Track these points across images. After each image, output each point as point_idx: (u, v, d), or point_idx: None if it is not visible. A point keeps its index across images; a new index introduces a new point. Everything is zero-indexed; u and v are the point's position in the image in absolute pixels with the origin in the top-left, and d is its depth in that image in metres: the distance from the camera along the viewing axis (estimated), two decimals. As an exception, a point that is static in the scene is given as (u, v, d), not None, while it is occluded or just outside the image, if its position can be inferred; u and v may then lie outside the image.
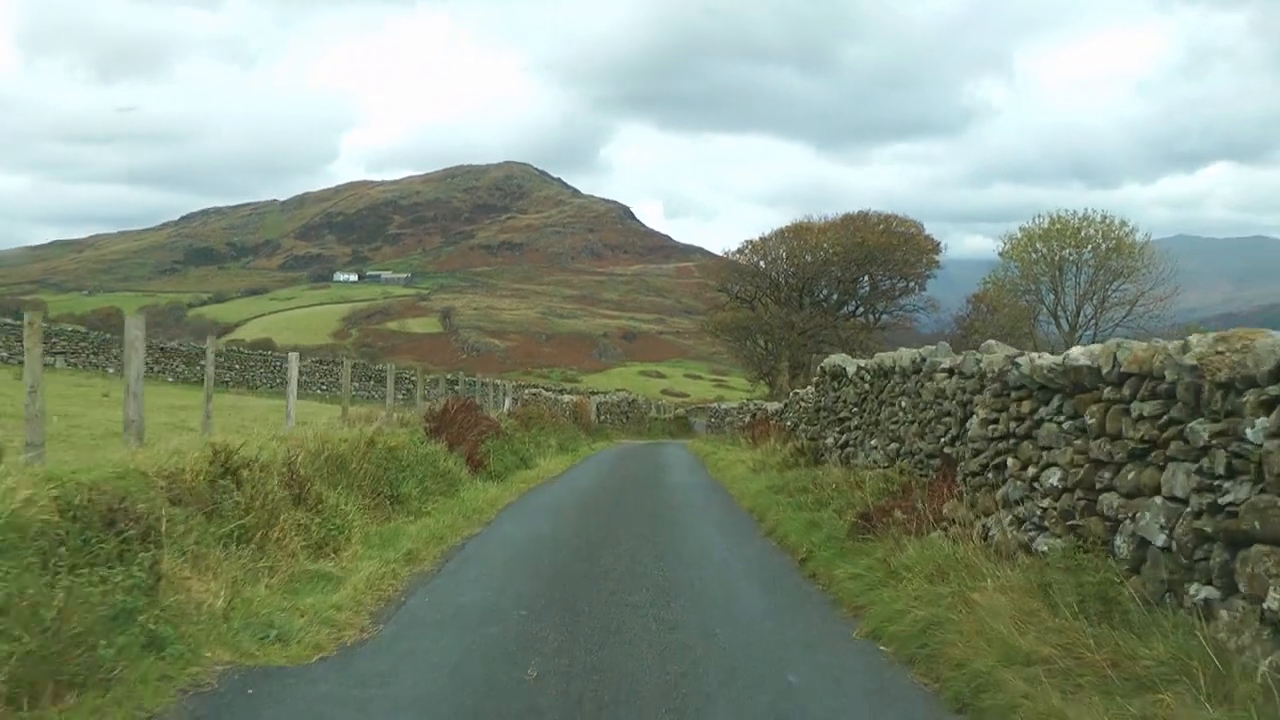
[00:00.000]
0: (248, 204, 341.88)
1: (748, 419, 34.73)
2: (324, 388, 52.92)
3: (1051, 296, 61.33)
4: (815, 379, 21.69)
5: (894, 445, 13.09)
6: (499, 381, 38.30)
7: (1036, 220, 61.31)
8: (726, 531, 13.70)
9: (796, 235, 60.08)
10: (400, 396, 35.43)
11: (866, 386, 15.86)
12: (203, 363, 54.53)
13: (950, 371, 11.16)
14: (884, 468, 13.24)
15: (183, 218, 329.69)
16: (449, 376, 53.03)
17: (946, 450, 10.74)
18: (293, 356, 16.26)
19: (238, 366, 53.65)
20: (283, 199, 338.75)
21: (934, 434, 11.27)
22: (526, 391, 39.68)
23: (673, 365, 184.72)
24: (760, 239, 61.19)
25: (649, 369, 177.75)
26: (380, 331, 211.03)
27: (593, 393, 56.85)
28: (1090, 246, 60.44)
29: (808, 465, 18.53)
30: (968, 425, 10.23)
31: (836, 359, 18.27)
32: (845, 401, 16.99)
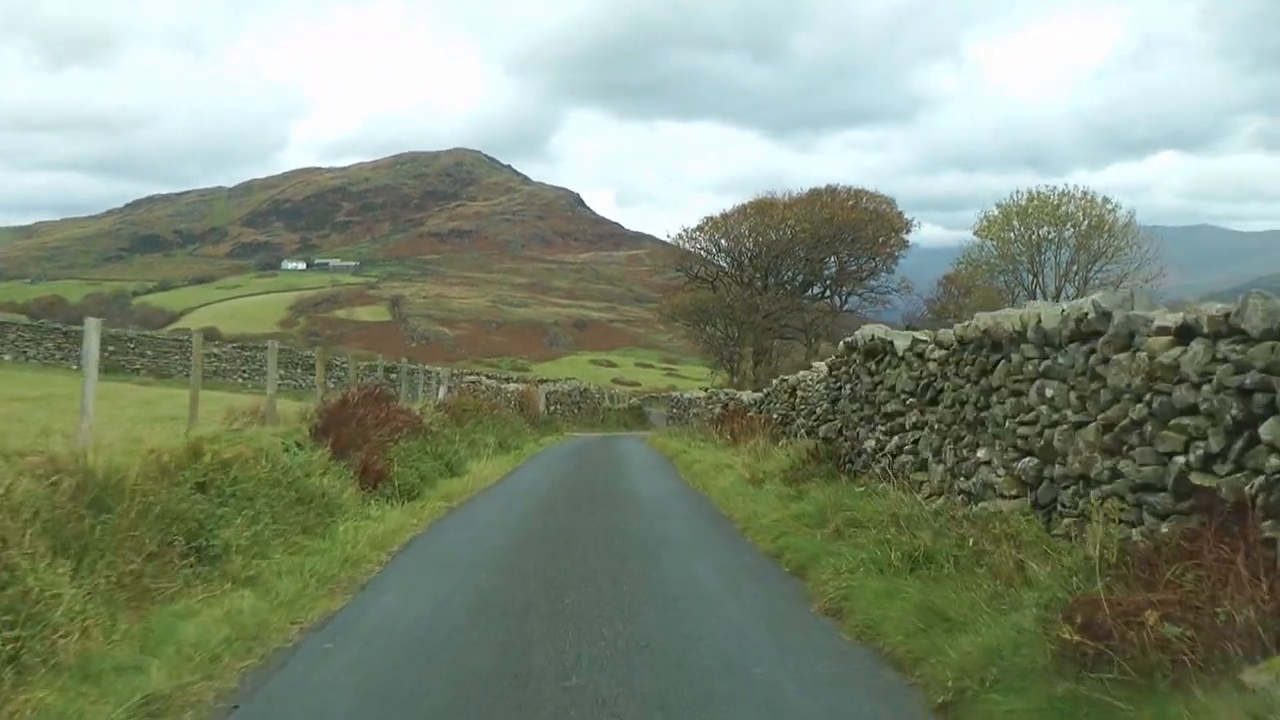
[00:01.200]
0: (194, 190, 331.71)
1: (718, 410, 29.52)
2: (245, 375, 47.48)
3: (1031, 277, 56.75)
4: (830, 360, 16.45)
5: (1032, 463, 7.78)
6: (432, 369, 32.84)
7: (1015, 196, 56.70)
8: (766, 619, 7.48)
9: (760, 212, 54.85)
10: (333, 384, 30.27)
11: (933, 368, 10.61)
12: (110, 349, 48.95)
13: (1181, 333, 5.93)
14: (1011, 496, 7.95)
15: (128, 205, 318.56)
16: (387, 363, 47.73)
17: (1208, 481, 5.48)
18: (90, 324, 10.64)
19: (150, 353, 47.85)
20: (230, 185, 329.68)
21: (1154, 449, 6.03)
22: (466, 379, 34.23)
23: (624, 354, 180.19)
24: (722, 215, 55.84)
25: (600, 358, 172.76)
26: (328, 320, 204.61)
27: (541, 381, 51.36)
28: (1070, 225, 55.96)
29: (827, 477, 13.25)
30: (1264, 433, 5.01)
31: (873, 330, 12.91)
32: (894, 390, 11.70)
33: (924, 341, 11.29)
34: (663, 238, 66.92)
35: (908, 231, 56.59)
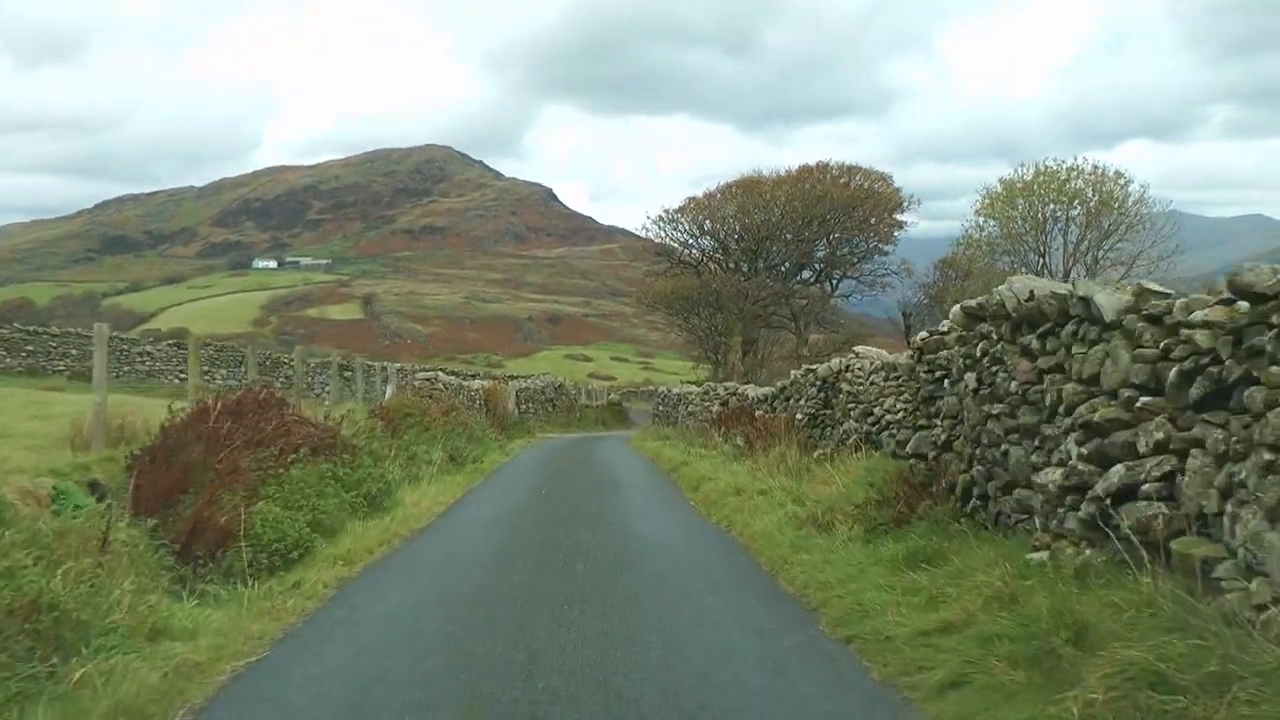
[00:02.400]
0: (163, 190, 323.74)
1: (716, 408, 24.25)
2: (183, 376, 42.09)
3: (1037, 258, 51.76)
4: (922, 338, 11.27)
5: None
6: (375, 364, 27.44)
7: (1020, 171, 51.67)
8: None
9: (746, 191, 49.51)
10: (281, 384, 25.34)
11: (1202, 341, 5.42)
12: (29, 348, 43.36)
13: None
14: None
15: (97, 205, 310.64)
16: (341, 360, 42.71)
17: None
18: None
19: (74, 352, 42.16)
20: (200, 185, 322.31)
21: None
22: (419, 376, 28.75)
23: (599, 348, 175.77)
24: (706, 195, 50.39)
25: (575, 352, 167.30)
26: (300, 319, 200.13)
27: (512, 377, 45.91)
28: (1078, 201, 51.06)
29: (941, 522, 8.07)
30: None
31: (1035, 284, 7.59)
32: (1099, 383, 6.47)
33: (1165, 297, 6.08)
34: (637, 231, 61.52)
35: (906, 209, 51.49)
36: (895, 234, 52.27)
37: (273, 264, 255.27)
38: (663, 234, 50.37)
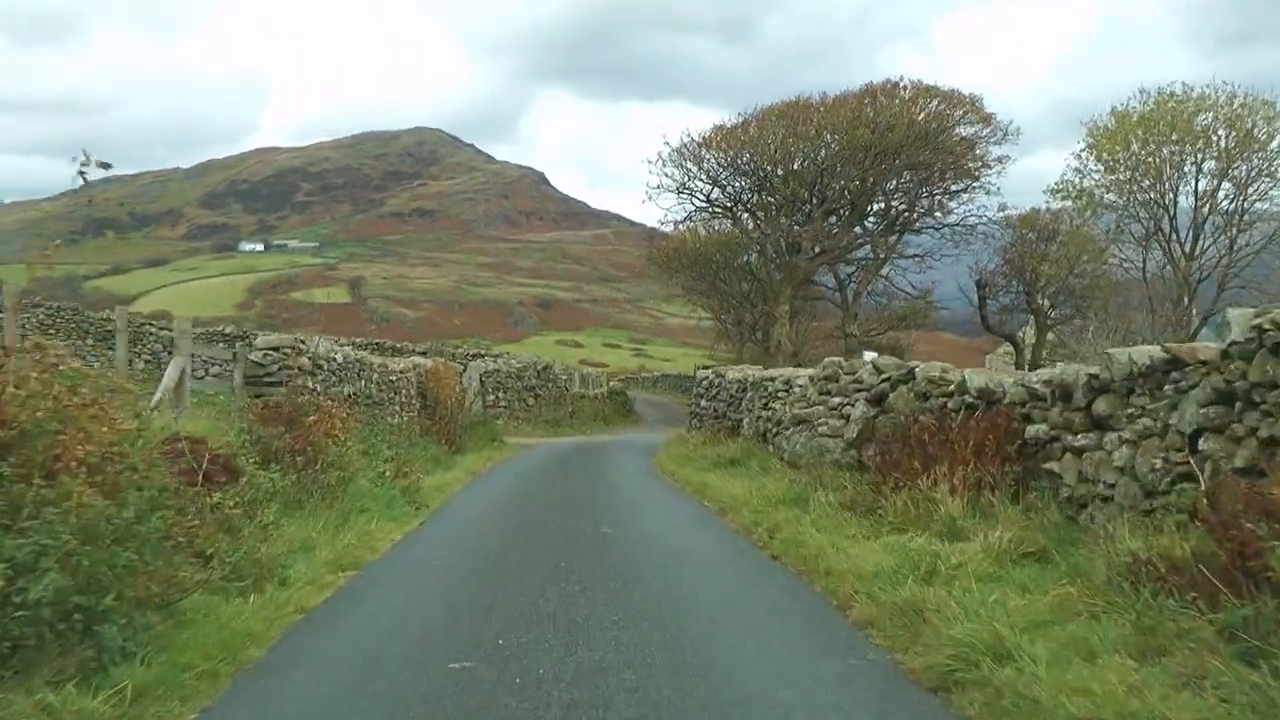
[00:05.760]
0: (149, 172, 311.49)
1: (860, 414, 11.18)
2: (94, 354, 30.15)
3: (1150, 217, 38.94)
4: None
5: None
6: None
7: (1141, 97, 38.71)
8: None
9: (789, 120, 36.68)
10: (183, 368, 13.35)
11: None
12: None
13: None
14: None
15: (81, 187, 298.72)
16: (240, 332, 30.99)
17: None
18: None
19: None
20: (186, 166, 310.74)
21: None
22: (265, 348, 15.50)
23: (590, 334, 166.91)
24: (741, 122, 37.18)
25: (566, 338, 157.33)
26: (285, 302, 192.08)
27: (476, 356, 32.79)
28: (1210, 144, 38.27)
29: None
30: None
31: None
32: None
33: None
34: (630, 217, 48.91)
35: (1004, 140, 38.63)
36: (988, 174, 39.71)
37: (259, 247, 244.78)
38: (686, 170, 37.40)
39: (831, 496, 9.76)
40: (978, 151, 38.00)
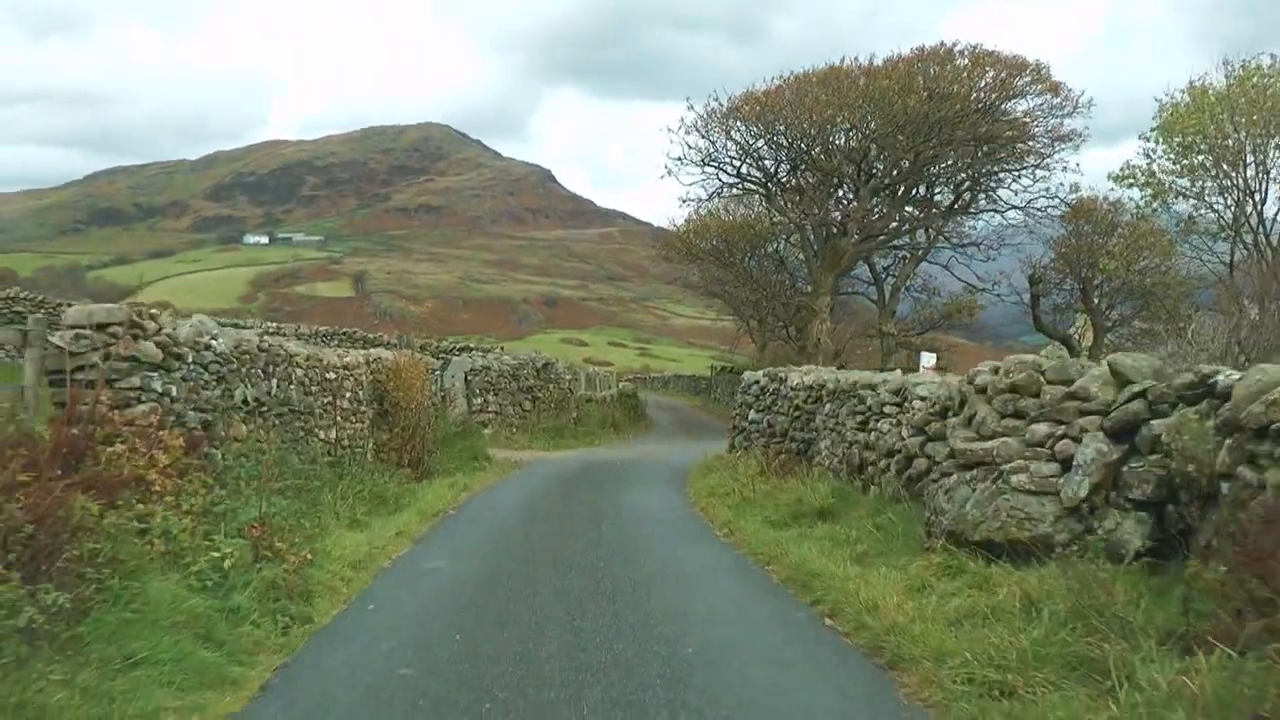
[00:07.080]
0: (155, 163, 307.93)
1: (1071, 454, 6.37)
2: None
3: (1231, 203, 33.68)
4: None
5: None
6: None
7: (1226, 69, 33.40)
8: None
9: (830, 87, 31.49)
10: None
11: None
12: None
13: None
14: None
15: (87, 177, 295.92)
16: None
17: None
18: None
19: None
20: (193, 158, 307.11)
21: None
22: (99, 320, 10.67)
23: (595, 333, 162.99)
24: (776, 88, 31.82)
25: (571, 336, 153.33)
26: (288, 295, 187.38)
27: (461, 350, 27.48)
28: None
29: None
30: None
31: None
32: None
33: None
34: (637, 215, 44.06)
35: (1075, 112, 33.39)
36: (1060, 151, 34.60)
37: (264, 239, 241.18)
38: (711, 140, 32.12)
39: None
40: (1048, 124, 32.83)
